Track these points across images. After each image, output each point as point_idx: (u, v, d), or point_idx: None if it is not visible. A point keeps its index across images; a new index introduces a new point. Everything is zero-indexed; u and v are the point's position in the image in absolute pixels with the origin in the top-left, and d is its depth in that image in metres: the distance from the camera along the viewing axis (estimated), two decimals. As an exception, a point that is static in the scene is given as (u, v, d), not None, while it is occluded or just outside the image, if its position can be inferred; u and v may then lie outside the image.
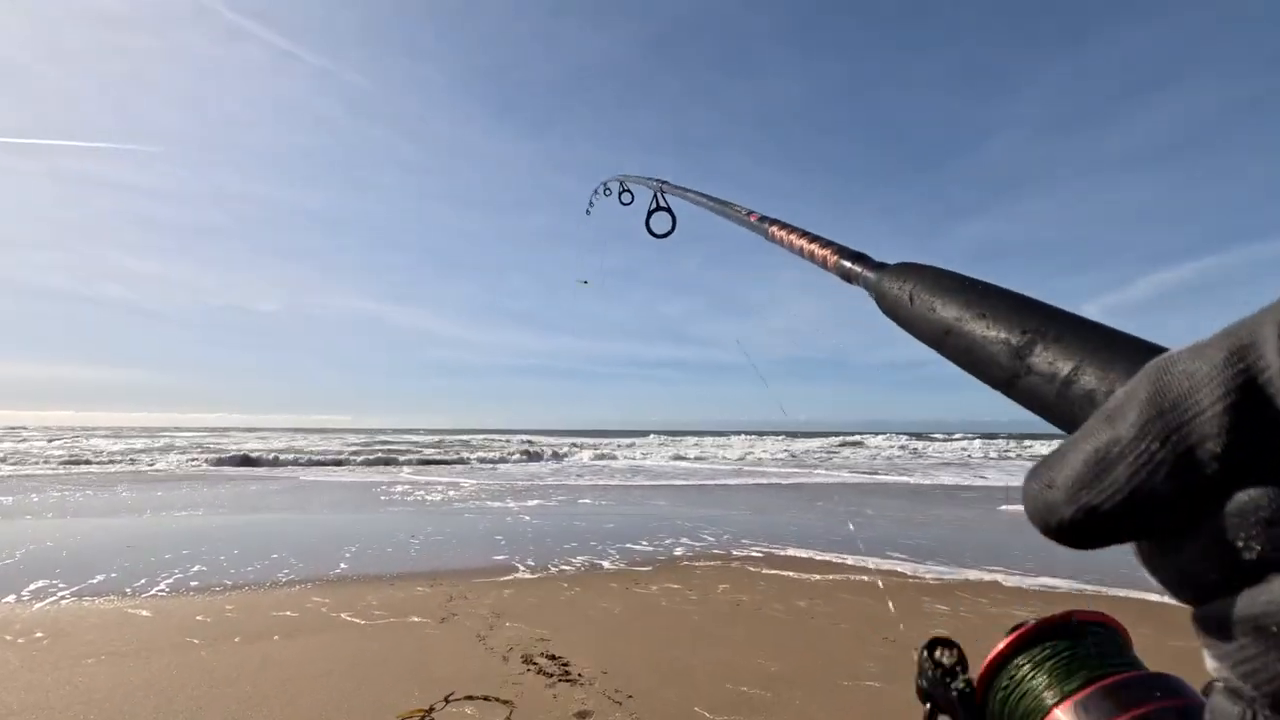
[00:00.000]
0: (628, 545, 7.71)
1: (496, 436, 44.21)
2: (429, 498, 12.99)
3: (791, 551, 7.38)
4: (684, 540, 8.11)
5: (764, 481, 17.55)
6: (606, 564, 6.71)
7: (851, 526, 9.73)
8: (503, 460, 24.69)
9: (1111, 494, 0.20)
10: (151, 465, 20.28)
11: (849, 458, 28.97)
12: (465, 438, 39.92)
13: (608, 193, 2.40)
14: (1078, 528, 0.21)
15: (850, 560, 6.90)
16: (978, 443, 42.09)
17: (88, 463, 20.30)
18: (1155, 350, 0.27)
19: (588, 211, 2.76)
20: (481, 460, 24.51)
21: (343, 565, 6.45)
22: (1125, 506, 0.20)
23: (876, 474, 20.12)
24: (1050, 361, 0.30)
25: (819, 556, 7.10)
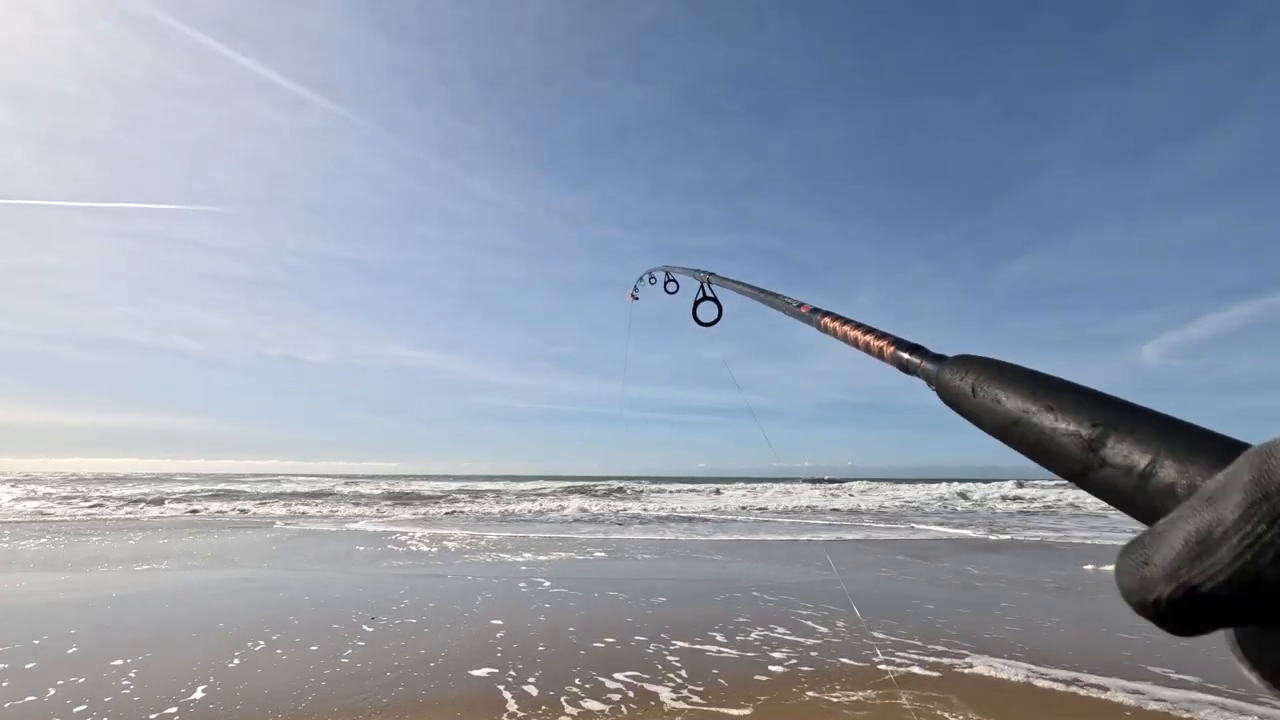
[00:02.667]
0: (695, 644, 4.56)
1: (542, 483, 41.03)
2: (435, 551, 10.02)
3: (986, 668, 4.09)
4: (779, 631, 4.92)
5: (844, 536, 14.03)
6: (665, 692, 3.58)
7: (1006, 604, 6.34)
8: (535, 505, 21.62)
9: (1214, 574, 0.19)
10: (151, 512, 17.93)
11: (917, 505, 24.90)
12: (504, 485, 37.05)
13: (653, 281, 2.31)
14: (1175, 607, 0.20)
15: (1111, 691, 3.59)
16: (1034, 489, 36.92)
17: (98, 507, 18.09)
18: (1234, 444, 0.25)
19: (634, 296, 2.58)
20: (511, 507, 21.50)
21: (198, 691, 3.49)
22: (1227, 588, 0.19)
23: (964, 527, 16.31)
24: (1125, 455, 0.28)
25: (1046, 680, 3.81)
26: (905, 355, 0.55)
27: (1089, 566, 8.81)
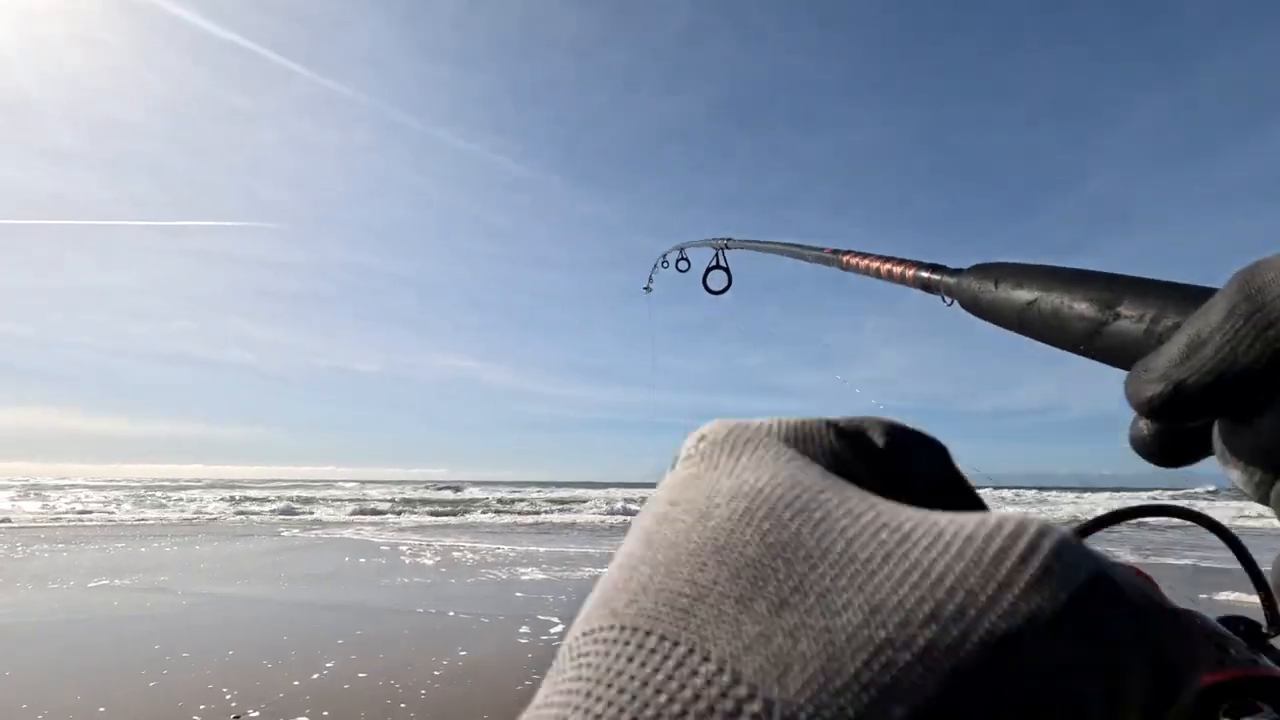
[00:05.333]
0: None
1: (582, 490, 38.84)
2: (435, 568, 7.80)
3: None
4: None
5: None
6: None
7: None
8: (571, 514, 19.33)
9: (1198, 369, 0.21)
10: (196, 517, 16.43)
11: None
12: (543, 491, 35.09)
13: (665, 265, 2.19)
14: (1166, 401, 0.22)
15: None
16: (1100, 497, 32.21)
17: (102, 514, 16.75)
18: None
19: (647, 289, 2.49)
20: (544, 516, 19.26)
21: None
22: (1210, 379, 0.21)
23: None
24: (1138, 306, 0.29)
25: None
26: (926, 274, 0.53)
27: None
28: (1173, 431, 0.24)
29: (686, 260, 1.97)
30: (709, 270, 1.53)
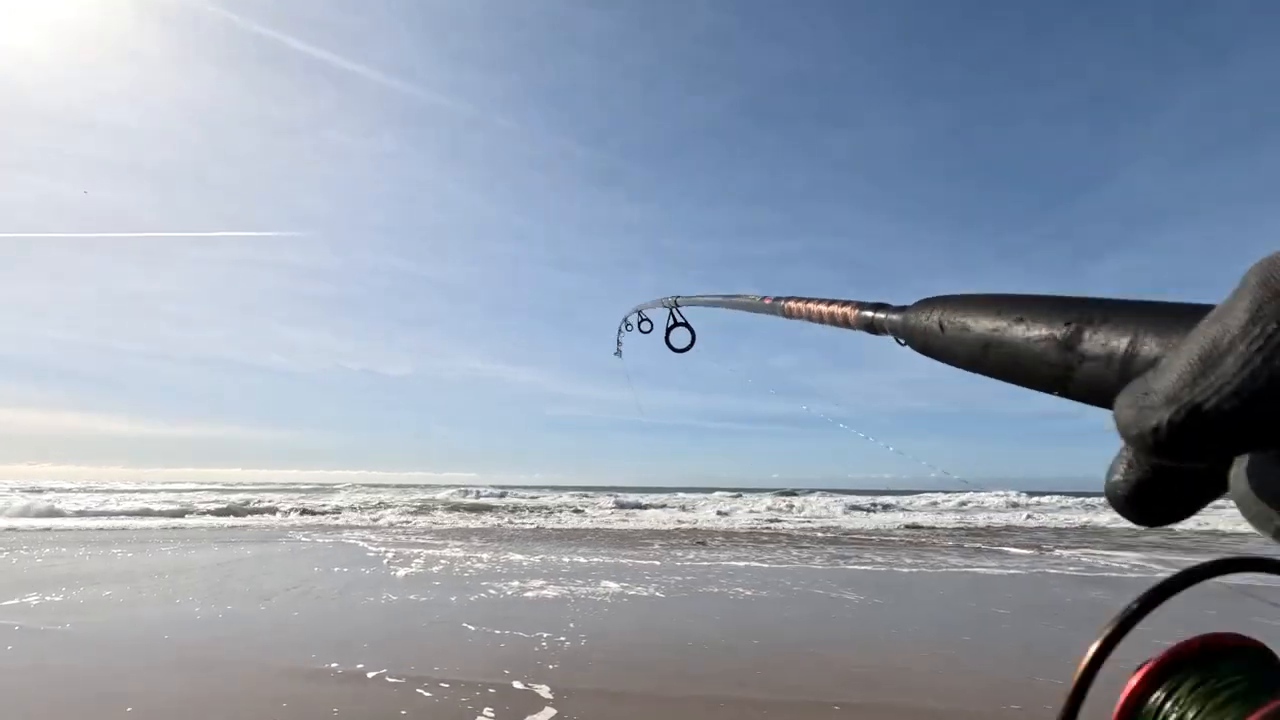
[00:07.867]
0: None
1: (611, 493, 36.70)
2: (419, 585, 5.89)
3: None
4: None
5: (1028, 570, 8.95)
6: None
7: None
8: (592, 518, 17.37)
9: (1219, 388, 0.15)
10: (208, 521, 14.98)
11: (1034, 522, 18.76)
12: (570, 496, 33.20)
13: (628, 328, 2.20)
14: (1176, 431, 0.16)
15: None
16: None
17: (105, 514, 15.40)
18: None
19: (618, 353, 2.46)
20: (563, 522, 17.34)
21: None
22: (1235, 400, 0.15)
23: (1124, 549, 10.66)
24: (1103, 343, 0.24)
25: None
26: (870, 314, 0.48)
27: None
28: (1169, 477, 0.18)
29: (649, 321, 1.96)
30: (669, 330, 1.50)
